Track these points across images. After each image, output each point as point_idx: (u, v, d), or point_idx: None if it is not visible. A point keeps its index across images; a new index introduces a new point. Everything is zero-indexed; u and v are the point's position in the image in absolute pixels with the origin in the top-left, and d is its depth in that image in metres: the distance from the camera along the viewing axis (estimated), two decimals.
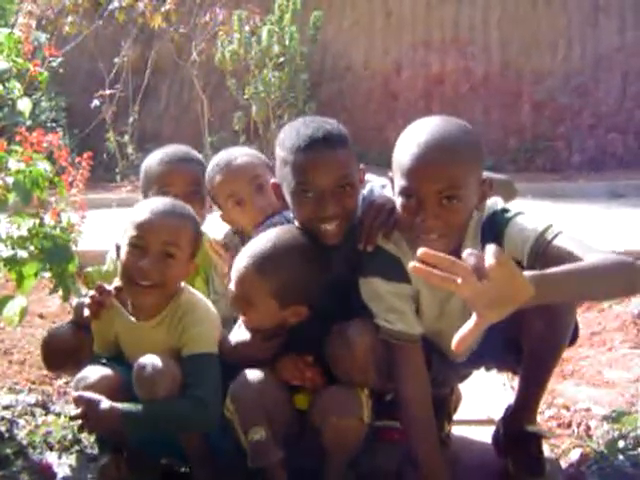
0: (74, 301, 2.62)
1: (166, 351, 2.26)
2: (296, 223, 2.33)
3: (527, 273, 1.73)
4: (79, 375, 2.31)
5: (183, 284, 2.38)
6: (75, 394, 2.20)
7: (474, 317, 1.68)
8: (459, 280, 1.64)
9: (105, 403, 2.16)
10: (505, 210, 2.20)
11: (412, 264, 1.66)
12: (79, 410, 2.17)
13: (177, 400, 2.19)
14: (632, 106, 10.07)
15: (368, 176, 2.43)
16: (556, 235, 2.06)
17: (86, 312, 2.39)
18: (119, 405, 2.17)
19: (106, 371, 2.30)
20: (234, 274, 2.26)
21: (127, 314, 2.36)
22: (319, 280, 2.25)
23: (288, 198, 2.28)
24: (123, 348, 2.41)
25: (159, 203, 2.33)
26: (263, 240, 2.27)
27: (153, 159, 2.79)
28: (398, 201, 2.09)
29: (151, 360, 2.20)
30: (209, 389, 2.21)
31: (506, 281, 1.64)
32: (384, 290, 2.22)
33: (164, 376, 2.18)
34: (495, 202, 2.23)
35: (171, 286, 2.29)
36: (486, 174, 2.14)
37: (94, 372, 2.29)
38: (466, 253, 1.65)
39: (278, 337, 2.30)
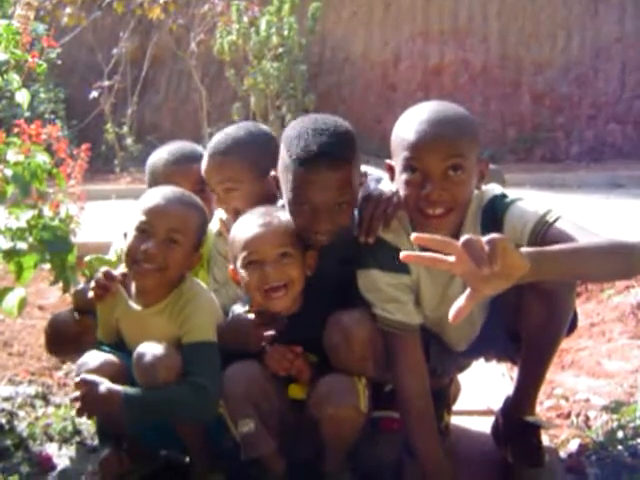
0: (73, 289, 2.63)
1: (166, 339, 2.27)
2: None
3: (524, 249, 1.74)
4: (81, 360, 2.32)
5: (187, 274, 2.39)
6: (77, 378, 2.21)
7: (469, 290, 1.69)
8: (452, 259, 1.67)
9: (106, 385, 2.17)
10: (504, 196, 2.22)
11: (403, 253, 1.70)
12: (79, 392, 2.17)
13: (178, 387, 2.20)
14: (631, 96, 10.06)
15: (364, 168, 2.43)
16: (556, 219, 2.08)
17: (90, 294, 2.40)
18: (120, 387, 2.18)
19: (108, 357, 2.31)
20: (260, 243, 2.26)
21: (130, 301, 2.38)
22: None
23: (284, 200, 2.28)
24: (124, 335, 2.42)
25: (168, 190, 2.36)
26: (259, 208, 2.34)
27: (158, 160, 2.79)
28: (402, 177, 2.09)
29: (151, 347, 2.21)
30: (210, 377, 2.21)
31: (502, 258, 1.65)
32: (383, 282, 2.22)
33: (163, 363, 2.19)
34: (494, 188, 2.25)
35: (173, 272, 2.30)
36: None
37: (96, 357, 2.31)
38: (463, 239, 1.66)
39: (275, 324, 2.31)
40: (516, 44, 10.56)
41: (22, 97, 2.77)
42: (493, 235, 1.66)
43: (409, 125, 2.09)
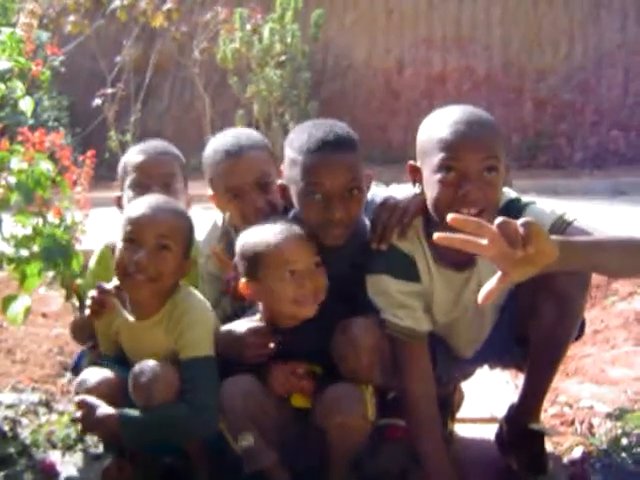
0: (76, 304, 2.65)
1: (164, 351, 2.27)
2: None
3: (553, 237, 1.76)
4: (79, 378, 2.33)
5: (181, 283, 2.37)
6: (76, 399, 2.22)
7: (499, 274, 1.71)
8: (484, 242, 1.68)
9: (104, 409, 2.18)
10: (519, 199, 2.25)
11: (436, 234, 1.71)
12: (79, 413, 2.20)
13: (176, 406, 2.19)
14: (634, 103, 10.05)
15: None
16: (573, 220, 2.13)
17: (87, 312, 2.39)
18: (117, 412, 2.18)
19: (106, 374, 2.31)
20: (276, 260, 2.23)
21: (126, 313, 2.36)
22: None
23: (295, 199, 2.27)
24: (123, 347, 2.42)
25: (152, 199, 2.34)
26: (270, 221, 2.30)
27: (131, 152, 2.81)
28: (435, 177, 2.08)
29: (147, 366, 2.20)
30: (208, 394, 2.20)
31: (535, 242, 1.67)
32: (393, 288, 2.22)
33: (160, 383, 2.18)
34: (509, 192, 2.27)
35: (166, 281, 2.28)
36: None
37: (94, 375, 2.31)
38: (498, 220, 1.68)
39: (276, 337, 2.30)
40: (519, 51, 10.56)
41: (26, 105, 2.78)
42: (527, 218, 1.68)
43: (443, 125, 2.09)
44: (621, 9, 10.44)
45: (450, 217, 1.70)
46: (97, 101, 10.41)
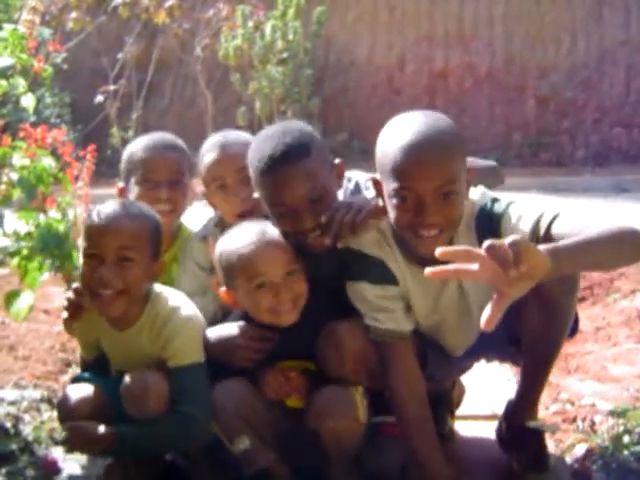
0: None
1: (151, 358, 2.25)
2: None
3: (541, 246, 1.73)
4: (61, 398, 2.33)
5: (159, 290, 2.32)
6: (64, 426, 2.23)
7: (496, 295, 1.68)
8: (474, 267, 1.66)
9: (98, 429, 2.16)
10: (496, 200, 2.19)
11: (428, 270, 1.68)
12: (66, 436, 2.21)
13: (168, 419, 2.18)
14: (636, 100, 10.05)
15: (353, 173, 2.43)
16: (554, 218, 2.05)
17: (65, 315, 2.36)
18: (112, 431, 2.17)
19: (85, 391, 2.29)
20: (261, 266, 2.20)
21: (106, 322, 2.32)
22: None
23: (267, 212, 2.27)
24: (106, 353, 2.40)
25: (108, 209, 2.23)
26: (249, 224, 2.29)
27: (137, 145, 2.75)
28: (392, 202, 2.04)
29: (139, 376, 2.18)
30: (200, 403, 2.19)
31: (526, 259, 1.64)
32: (371, 293, 2.21)
33: (153, 393, 2.16)
34: (484, 194, 2.21)
35: (135, 290, 2.21)
36: (471, 159, 2.13)
37: (74, 393, 2.29)
38: (486, 244, 1.65)
39: (269, 340, 2.29)
40: (521, 48, 10.57)
41: (28, 101, 2.78)
42: (514, 237, 1.66)
43: (395, 147, 2.02)
44: (624, 6, 10.44)
45: (438, 252, 1.66)
46: (99, 98, 10.45)
